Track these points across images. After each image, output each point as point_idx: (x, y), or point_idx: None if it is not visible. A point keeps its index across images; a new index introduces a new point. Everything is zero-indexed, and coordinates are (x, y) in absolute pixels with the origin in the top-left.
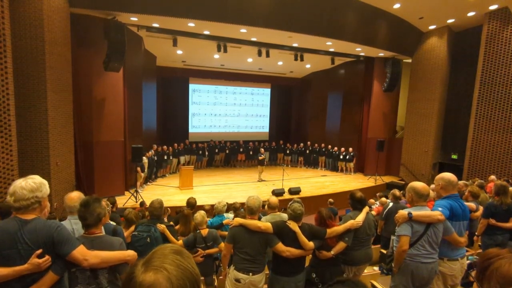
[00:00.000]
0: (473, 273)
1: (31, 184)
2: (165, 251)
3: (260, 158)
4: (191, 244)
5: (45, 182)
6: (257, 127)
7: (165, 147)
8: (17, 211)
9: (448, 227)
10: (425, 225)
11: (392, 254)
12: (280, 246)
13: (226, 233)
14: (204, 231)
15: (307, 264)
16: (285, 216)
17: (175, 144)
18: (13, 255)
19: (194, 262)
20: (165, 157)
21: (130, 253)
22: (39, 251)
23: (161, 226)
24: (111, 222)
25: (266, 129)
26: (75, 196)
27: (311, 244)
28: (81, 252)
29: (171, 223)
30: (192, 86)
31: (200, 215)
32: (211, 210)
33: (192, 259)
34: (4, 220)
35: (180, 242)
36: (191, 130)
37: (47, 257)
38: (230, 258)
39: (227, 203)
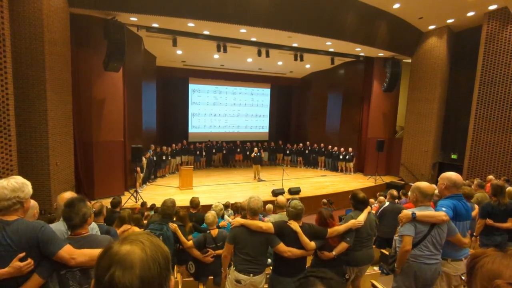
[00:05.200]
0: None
1: (13, 184)
2: (139, 232)
3: (252, 155)
4: (201, 244)
5: (28, 182)
6: (257, 127)
7: (164, 147)
8: None
9: (452, 228)
10: (429, 225)
11: (395, 254)
12: (282, 247)
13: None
14: (214, 232)
15: (308, 264)
16: None
17: (173, 145)
18: None
19: (164, 244)
20: (164, 158)
21: None
22: (22, 254)
23: (173, 225)
24: (104, 224)
25: (266, 129)
26: (68, 196)
27: (312, 244)
28: (67, 251)
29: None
30: (192, 86)
31: (211, 215)
32: (202, 210)
33: (162, 242)
34: None
35: (190, 242)
36: (191, 130)
37: (29, 260)
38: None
39: (223, 205)
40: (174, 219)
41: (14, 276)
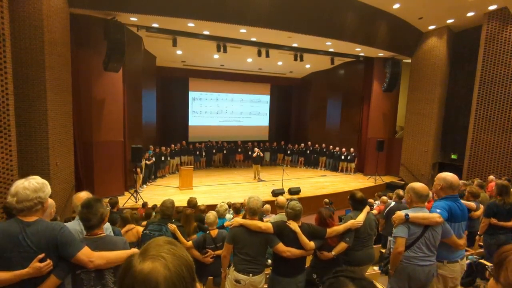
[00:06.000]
0: (490, 269)
1: (34, 184)
2: (159, 242)
3: (254, 155)
4: (200, 245)
5: (47, 182)
6: (257, 127)
7: (163, 148)
8: (20, 212)
9: (447, 230)
10: (423, 227)
11: (389, 255)
12: (281, 247)
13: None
14: (214, 232)
15: (307, 264)
16: None
17: (172, 145)
18: (14, 258)
19: (186, 251)
20: (163, 158)
21: (135, 251)
22: (42, 255)
23: (172, 226)
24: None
25: (266, 130)
26: (84, 196)
27: (311, 244)
28: (86, 254)
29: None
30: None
31: (213, 215)
32: (207, 210)
33: (184, 249)
34: (5, 222)
35: (190, 243)
36: (190, 130)
37: (48, 261)
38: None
39: (228, 205)
40: (174, 219)
41: (33, 276)
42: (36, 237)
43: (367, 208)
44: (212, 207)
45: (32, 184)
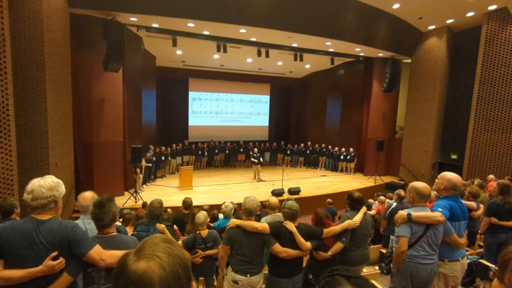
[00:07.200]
0: (494, 269)
1: (50, 182)
2: (155, 241)
3: (251, 159)
4: (190, 245)
5: (61, 182)
6: (257, 128)
7: (163, 148)
8: (34, 210)
9: (449, 228)
10: (425, 226)
11: (391, 254)
12: (277, 247)
13: None
14: (204, 232)
15: (304, 265)
16: None
17: (174, 145)
18: (28, 256)
19: (183, 249)
20: (163, 158)
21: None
22: (55, 253)
23: (161, 226)
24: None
25: (266, 130)
26: (89, 196)
27: (308, 244)
28: (97, 252)
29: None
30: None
31: (203, 215)
32: (210, 210)
33: (181, 247)
34: (20, 220)
35: (179, 242)
36: (190, 129)
37: (61, 259)
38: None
39: (233, 206)
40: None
41: (46, 274)
42: (50, 235)
43: (364, 209)
44: (215, 207)
45: (47, 183)
